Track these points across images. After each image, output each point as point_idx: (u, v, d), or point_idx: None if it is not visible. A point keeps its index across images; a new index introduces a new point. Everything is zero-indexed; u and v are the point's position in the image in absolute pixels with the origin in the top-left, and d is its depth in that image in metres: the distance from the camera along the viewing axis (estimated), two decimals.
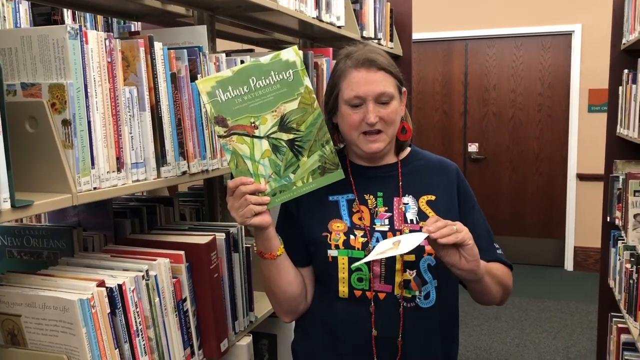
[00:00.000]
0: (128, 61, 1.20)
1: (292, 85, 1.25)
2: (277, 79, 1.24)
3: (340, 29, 2.40)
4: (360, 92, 1.29)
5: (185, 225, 1.63)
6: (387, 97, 1.30)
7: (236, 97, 1.23)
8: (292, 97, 1.25)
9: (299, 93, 1.25)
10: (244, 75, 1.24)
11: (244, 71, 1.24)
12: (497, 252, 1.41)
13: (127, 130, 1.18)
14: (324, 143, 1.29)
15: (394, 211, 1.34)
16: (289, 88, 1.25)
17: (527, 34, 5.46)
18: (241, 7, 1.82)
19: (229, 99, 1.23)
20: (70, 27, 1.02)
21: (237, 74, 1.24)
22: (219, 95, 1.23)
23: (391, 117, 1.30)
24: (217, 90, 1.23)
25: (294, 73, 1.25)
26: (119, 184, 1.16)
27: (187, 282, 1.37)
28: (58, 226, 1.48)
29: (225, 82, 1.23)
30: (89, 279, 1.14)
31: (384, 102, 1.30)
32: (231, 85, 1.23)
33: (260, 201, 1.24)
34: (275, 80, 1.24)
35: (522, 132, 5.61)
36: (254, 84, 1.24)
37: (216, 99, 1.23)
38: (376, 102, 1.29)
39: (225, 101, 1.23)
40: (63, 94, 1.02)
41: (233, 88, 1.23)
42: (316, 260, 1.38)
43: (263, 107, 1.25)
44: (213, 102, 1.23)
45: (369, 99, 1.29)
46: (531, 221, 5.65)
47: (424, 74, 5.83)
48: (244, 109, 1.24)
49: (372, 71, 1.30)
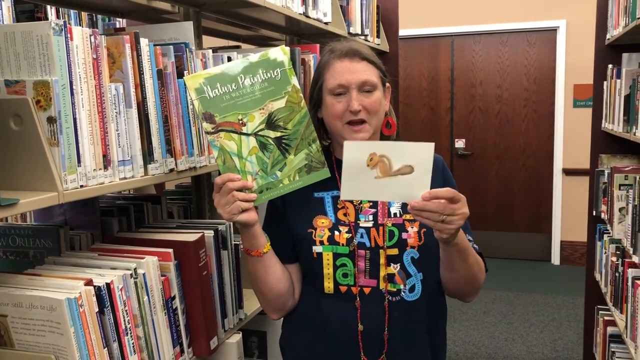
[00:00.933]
0: (114, 58, 1.19)
1: (279, 84, 1.26)
2: (265, 77, 1.25)
3: (327, 25, 2.40)
4: (343, 81, 1.30)
5: (173, 223, 1.62)
6: (369, 86, 1.31)
7: (224, 94, 1.24)
8: (279, 96, 1.26)
9: (286, 92, 1.26)
10: (232, 72, 1.24)
11: (233, 68, 1.25)
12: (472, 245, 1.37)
13: (114, 127, 1.17)
14: (311, 142, 1.30)
15: (378, 206, 1.35)
16: (277, 86, 1.26)
17: (512, 30, 5.49)
18: (227, 4, 1.81)
19: (217, 95, 1.24)
20: (55, 23, 1.01)
21: (225, 71, 1.24)
22: (207, 92, 1.23)
23: (374, 107, 1.31)
24: (205, 87, 1.23)
25: (281, 72, 1.26)
26: (106, 181, 1.14)
27: (176, 280, 1.37)
28: (44, 225, 1.47)
29: (214, 78, 1.24)
30: (77, 278, 1.13)
31: (367, 91, 1.31)
32: (219, 82, 1.24)
33: (247, 198, 1.24)
34: (263, 79, 1.25)
35: (509, 128, 5.65)
36: (242, 81, 1.25)
37: (204, 96, 1.23)
38: (359, 91, 1.30)
39: (213, 98, 1.24)
40: (48, 91, 1.01)
41: (221, 85, 1.24)
42: (301, 257, 1.38)
43: (251, 105, 1.25)
44: (201, 98, 1.23)
45: (352, 87, 1.30)
46: (518, 216, 5.70)
47: (411, 70, 5.84)
48: (231, 106, 1.25)
49: (356, 61, 1.31)
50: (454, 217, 1.15)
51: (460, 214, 1.16)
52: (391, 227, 1.32)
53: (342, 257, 1.31)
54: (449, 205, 1.14)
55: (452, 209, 1.14)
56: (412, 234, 1.31)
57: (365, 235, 1.32)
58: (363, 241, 1.31)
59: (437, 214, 1.14)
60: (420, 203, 1.15)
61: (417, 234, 1.31)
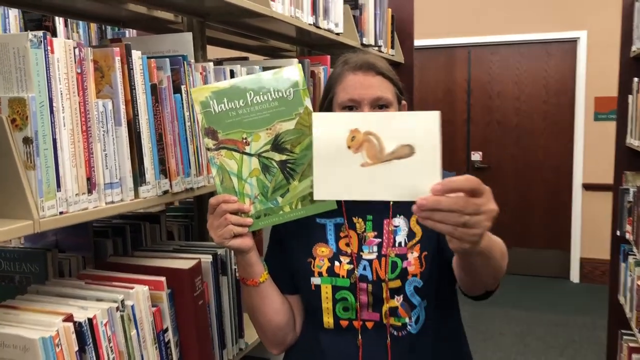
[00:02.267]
0: (102, 72, 1.10)
1: (291, 104, 1.16)
2: (276, 96, 1.16)
3: (339, 36, 2.30)
4: (355, 95, 1.20)
5: (171, 246, 1.52)
6: (383, 102, 1.21)
7: (230, 110, 1.15)
8: (289, 117, 1.16)
9: (297, 113, 1.16)
10: (241, 88, 1.16)
11: (243, 84, 1.16)
12: None
13: (100, 147, 1.07)
14: None
15: (383, 236, 1.23)
16: (288, 107, 1.16)
17: (531, 41, 5.36)
18: (233, 14, 1.71)
19: (222, 111, 1.15)
20: (33, 35, 0.92)
21: (234, 86, 1.16)
22: (212, 106, 1.15)
23: None
24: (211, 101, 1.15)
25: (294, 92, 1.16)
26: (90, 207, 1.05)
27: (169, 311, 1.26)
28: (31, 249, 1.38)
29: (221, 93, 1.15)
30: (56, 313, 1.03)
31: (380, 107, 1.21)
32: (227, 97, 1.15)
33: (242, 222, 1.14)
34: (274, 97, 1.16)
35: (527, 141, 5.50)
36: (250, 98, 1.16)
37: (209, 110, 1.15)
38: (372, 108, 1.21)
39: (218, 113, 1.15)
40: (24, 109, 0.92)
41: (228, 100, 1.15)
42: (300, 288, 1.28)
43: (257, 124, 1.16)
44: (206, 112, 1.15)
45: (364, 103, 1.20)
46: (536, 231, 5.53)
47: (426, 81, 5.73)
48: (237, 123, 1.16)
49: (370, 75, 1.21)
50: (478, 217, 0.85)
51: (487, 211, 0.86)
52: (394, 257, 1.20)
53: (342, 290, 1.20)
54: (472, 201, 0.85)
55: (475, 205, 0.84)
56: (412, 261, 1.19)
57: (368, 267, 1.21)
58: (365, 274, 1.20)
59: (456, 214, 0.84)
60: (429, 200, 0.85)
61: (417, 259, 1.19)
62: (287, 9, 1.86)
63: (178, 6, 1.64)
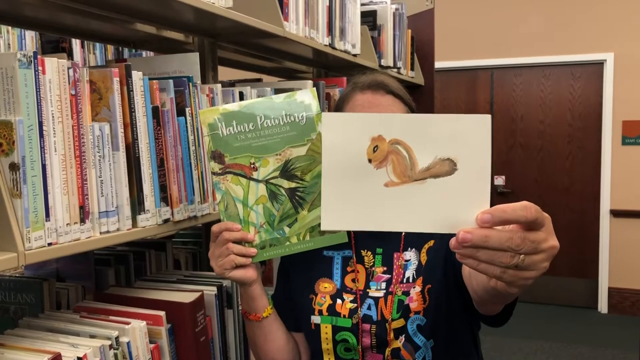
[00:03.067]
0: (100, 93, 1.04)
1: (303, 130, 1.10)
2: (288, 120, 1.10)
3: (356, 57, 2.24)
4: None
5: (175, 276, 1.45)
6: None
7: (239, 134, 1.09)
8: (301, 142, 1.09)
9: (309, 139, 1.09)
10: (252, 111, 1.10)
11: (253, 107, 1.10)
12: None
13: (95, 173, 1.01)
14: None
15: (393, 272, 1.14)
16: (300, 132, 1.09)
17: (556, 63, 5.25)
18: (245, 34, 1.66)
19: (230, 134, 1.09)
20: (22, 54, 0.86)
21: (244, 109, 1.10)
22: (220, 129, 1.09)
23: None
24: (219, 123, 1.09)
25: (307, 117, 1.09)
26: (83, 237, 0.98)
27: (169, 348, 1.18)
28: (27, 278, 1.31)
29: (230, 115, 1.10)
30: (43, 351, 0.95)
31: None
32: (236, 120, 1.09)
33: (245, 252, 1.06)
34: (286, 122, 1.10)
35: (551, 165, 5.35)
36: (261, 122, 1.09)
37: (217, 132, 1.09)
38: None
39: (226, 136, 1.09)
40: (11, 133, 0.86)
41: (237, 123, 1.09)
42: (301, 326, 1.19)
43: (267, 149, 1.09)
44: (213, 135, 1.09)
45: None
46: (561, 259, 5.35)
47: (447, 103, 5.64)
48: (245, 147, 1.09)
49: (379, 94, 1.15)
50: (536, 256, 0.66)
51: (547, 249, 0.67)
52: (401, 295, 1.10)
53: (343, 332, 1.11)
54: (529, 237, 0.65)
55: (533, 242, 0.66)
56: (414, 297, 1.09)
57: (373, 306, 1.12)
58: (370, 314, 1.11)
59: (509, 254, 0.65)
60: (475, 233, 0.64)
61: (420, 294, 1.09)
62: (302, 29, 1.80)
63: (188, 26, 1.59)
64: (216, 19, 1.41)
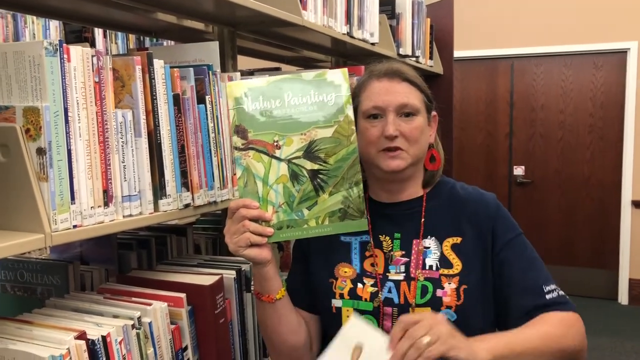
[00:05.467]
0: (123, 81, 1.07)
1: (331, 111, 1.10)
2: (316, 99, 1.09)
3: (374, 46, 2.24)
4: (379, 102, 1.14)
5: (195, 260, 1.48)
6: (410, 109, 1.14)
7: (265, 110, 1.09)
8: (327, 124, 1.09)
9: (336, 121, 1.09)
10: (279, 87, 1.10)
11: (281, 83, 1.10)
12: (546, 297, 1.13)
13: (118, 158, 1.04)
14: (353, 184, 1.10)
15: (411, 256, 1.16)
16: (327, 113, 1.09)
17: (577, 52, 5.17)
18: (264, 23, 1.68)
19: (256, 109, 1.09)
20: (48, 43, 0.89)
21: (272, 85, 1.10)
22: (246, 103, 1.09)
23: (414, 134, 1.13)
24: (246, 98, 1.09)
25: (336, 97, 1.09)
26: (107, 220, 1.01)
27: (189, 329, 1.22)
28: (53, 261, 1.36)
29: (258, 90, 1.09)
30: (69, 329, 0.99)
31: (406, 116, 1.13)
32: (262, 96, 1.09)
33: (261, 231, 1.06)
34: (313, 101, 1.09)
35: (572, 155, 5.30)
36: (288, 99, 1.09)
37: (242, 107, 1.09)
38: (398, 115, 1.13)
39: (252, 111, 1.09)
40: (38, 119, 0.89)
41: (264, 99, 1.09)
42: (320, 310, 1.21)
43: (292, 127, 1.09)
44: (238, 109, 1.09)
45: (389, 110, 1.13)
46: (581, 250, 5.31)
47: (467, 93, 5.60)
48: (270, 124, 1.09)
49: (395, 81, 1.15)
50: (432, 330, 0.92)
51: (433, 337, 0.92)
52: (424, 281, 1.12)
53: (365, 315, 1.13)
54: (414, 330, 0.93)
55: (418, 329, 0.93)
56: (449, 291, 1.11)
57: (394, 289, 1.13)
58: (391, 297, 1.13)
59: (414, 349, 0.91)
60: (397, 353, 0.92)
61: (455, 291, 1.11)
62: (320, 18, 1.81)
63: (208, 15, 1.62)
64: (235, 8, 1.43)
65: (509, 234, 1.17)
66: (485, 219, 1.16)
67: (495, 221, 1.17)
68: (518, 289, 1.12)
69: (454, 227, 1.17)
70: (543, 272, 1.15)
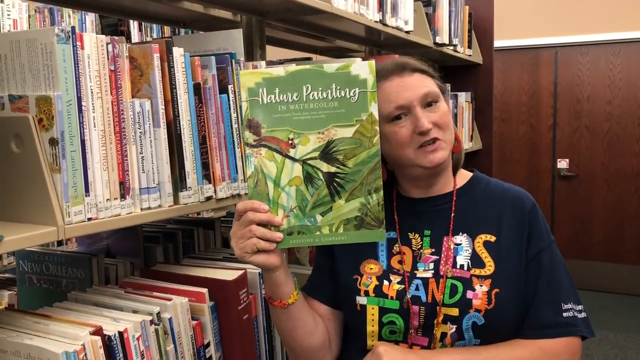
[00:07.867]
0: (141, 70, 1.04)
1: (353, 108, 0.99)
2: (338, 95, 0.99)
3: (409, 34, 2.17)
4: (401, 100, 1.06)
5: (221, 254, 1.45)
6: (432, 97, 1.07)
7: (280, 103, 0.99)
8: (348, 122, 0.99)
9: (359, 120, 0.99)
10: (298, 79, 0.99)
11: (300, 75, 0.99)
12: (563, 315, 1.07)
13: (136, 149, 1.01)
14: (372, 190, 1.01)
15: (441, 253, 1.09)
16: (349, 110, 0.99)
17: (626, 40, 4.94)
18: (292, 11, 1.63)
19: (271, 102, 0.99)
20: (60, 29, 0.86)
21: (290, 76, 0.99)
22: (261, 95, 0.99)
23: (445, 120, 1.07)
24: (261, 89, 0.99)
25: (360, 93, 0.99)
26: (123, 213, 0.99)
27: (212, 325, 1.19)
28: (77, 253, 1.35)
29: (273, 81, 0.99)
30: (86, 324, 0.97)
31: (430, 105, 1.07)
32: (279, 87, 0.99)
33: (269, 236, 0.99)
34: (335, 97, 0.99)
35: (619, 148, 5.07)
36: (307, 93, 0.99)
37: (256, 99, 0.99)
38: (424, 107, 1.06)
39: (266, 104, 0.99)
40: (50, 108, 0.86)
41: (280, 91, 0.99)
42: (344, 307, 1.16)
43: (309, 124, 1.00)
44: (252, 101, 0.99)
45: (414, 105, 1.06)
46: (629, 246, 5.08)
47: (509, 84, 5.43)
48: (285, 119, 1.00)
49: (406, 75, 1.08)
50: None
51: None
52: (453, 280, 1.06)
53: (391, 313, 1.07)
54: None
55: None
56: (479, 294, 1.04)
57: (422, 287, 1.07)
58: (418, 295, 1.06)
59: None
60: None
61: (486, 294, 1.04)
62: (351, 5, 1.75)
63: (236, 4, 1.58)
64: None
65: (542, 242, 1.10)
66: (523, 221, 1.10)
67: (532, 225, 1.11)
68: (537, 301, 1.06)
69: (488, 224, 1.10)
70: (565, 287, 1.09)
